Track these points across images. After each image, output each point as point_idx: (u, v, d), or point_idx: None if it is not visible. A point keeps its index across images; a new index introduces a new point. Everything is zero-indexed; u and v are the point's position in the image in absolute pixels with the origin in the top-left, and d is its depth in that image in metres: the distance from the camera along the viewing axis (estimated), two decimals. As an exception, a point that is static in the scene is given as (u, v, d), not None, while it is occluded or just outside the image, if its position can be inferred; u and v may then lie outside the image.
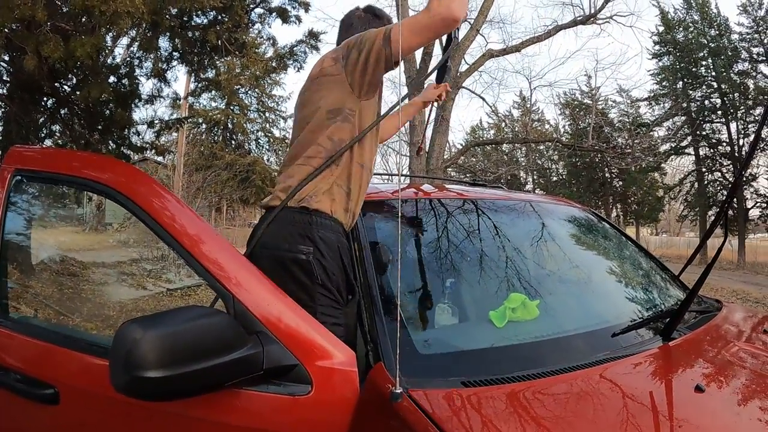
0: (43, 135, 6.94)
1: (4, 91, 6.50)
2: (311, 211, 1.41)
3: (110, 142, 7.20)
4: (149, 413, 1.19)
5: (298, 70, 7.89)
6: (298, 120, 1.56)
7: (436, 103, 2.07)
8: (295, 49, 7.80)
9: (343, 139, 1.46)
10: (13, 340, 1.42)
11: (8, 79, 6.41)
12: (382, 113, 1.58)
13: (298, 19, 7.28)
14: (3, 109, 6.68)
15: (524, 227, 1.94)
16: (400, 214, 1.28)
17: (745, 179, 20.36)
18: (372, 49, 1.41)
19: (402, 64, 1.47)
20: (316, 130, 1.48)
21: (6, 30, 4.79)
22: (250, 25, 7.38)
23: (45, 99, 6.71)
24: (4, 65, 6.29)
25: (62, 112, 6.96)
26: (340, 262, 1.41)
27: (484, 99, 11.82)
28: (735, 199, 19.65)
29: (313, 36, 7.66)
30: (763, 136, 20.22)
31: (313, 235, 1.39)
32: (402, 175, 2.72)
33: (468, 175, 12.90)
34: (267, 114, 27.06)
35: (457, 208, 1.87)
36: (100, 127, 6.96)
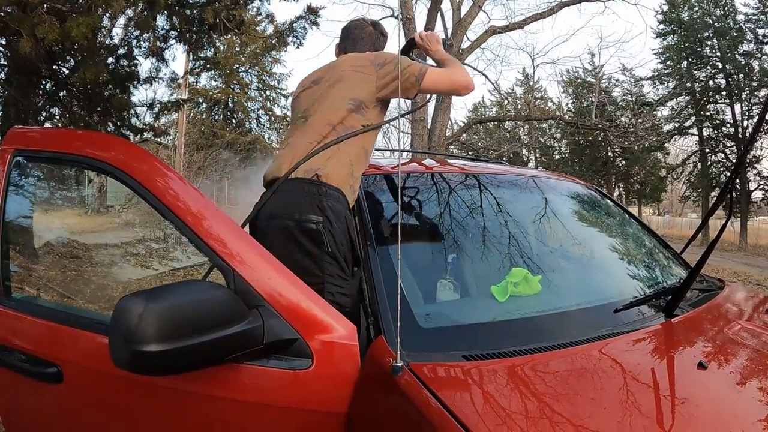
0: (42, 118, 6.90)
1: (2, 75, 6.44)
2: (322, 182, 1.46)
3: (110, 123, 7.16)
4: (151, 389, 1.19)
5: (298, 47, 7.84)
6: (317, 97, 1.66)
7: None
8: (294, 25, 7.78)
9: (354, 126, 1.57)
10: (16, 319, 1.43)
11: (6, 63, 6.35)
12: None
13: (297, -5, 7.20)
14: (1, 93, 6.62)
15: (527, 202, 1.93)
16: (400, 187, 1.27)
17: (748, 161, 20.22)
18: (407, 76, 1.62)
19: (401, 40, 1.66)
20: (334, 113, 1.58)
21: (1, 13, 4.73)
22: (248, 2, 7.28)
23: (43, 82, 6.65)
24: (1, 49, 6.22)
25: (61, 94, 6.91)
26: (347, 232, 1.45)
27: (486, 76, 11.69)
28: (738, 181, 19.55)
29: (312, 11, 7.59)
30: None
31: (324, 205, 1.43)
32: (403, 151, 2.70)
33: (470, 152, 12.83)
34: (267, 92, 26.80)
35: (460, 182, 1.86)
36: (99, 109, 6.91)
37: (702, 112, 23.06)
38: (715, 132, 23.36)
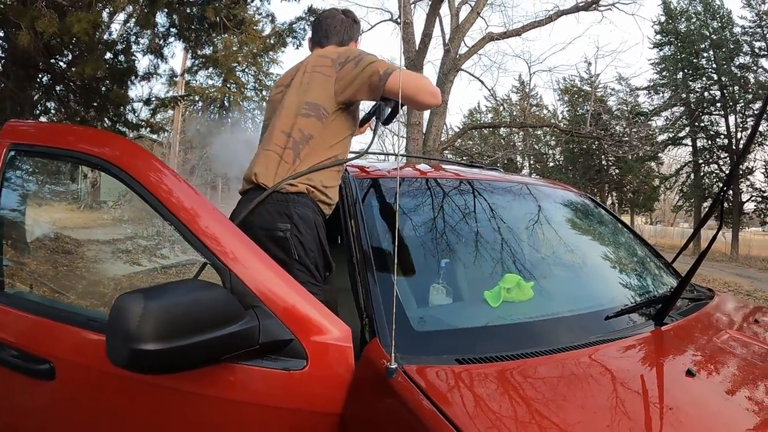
0: (38, 112, 6.86)
1: (0, 68, 6.40)
2: (288, 190, 1.47)
3: (106, 119, 7.13)
4: (145, 387, 1.19)
5: (297, 48, 7.80)
6: (280, 103, 1.63)
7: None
8: (294, 26, 7.72)
9: (312, 134, 1.53)
10: (8, 315, 1.42)
11: (3, 56, 6.31)
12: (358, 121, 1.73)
13: (299, -5, 7.21)
14: (-2, 86, 6.58)
15: (521, 209, 1.94)
16: (398, 192, 1.28)
17: (741, 172, 20.35)
18: (370, 74, 1.52)
19: (402, 44, 1.57)
20: (286, 121, 1.55)
21: (1, 5, 4.71)
22: (249, 1, 7.28)
23: (40, 75, 6.61)
24: (0, 41, 6.19)
25: (57, 88, 6.87)
26: (317, 238, 1.47)
27: (482, 82, 11.69)
28: (731, 192, 19.66)
29: (312, 12, 7.55)
30: (761, 130, 20.18)
31: (291, 212, 1.44)
32: (400, 155, 2.70)
33: (465, 158, 12.86)
34: (264, 92, 26.78)
35: (455, 188, 1.87)
36: (95, 104, 6.88)
37: (696, 123, 23.21)
38: (709, 143, 23.51)
